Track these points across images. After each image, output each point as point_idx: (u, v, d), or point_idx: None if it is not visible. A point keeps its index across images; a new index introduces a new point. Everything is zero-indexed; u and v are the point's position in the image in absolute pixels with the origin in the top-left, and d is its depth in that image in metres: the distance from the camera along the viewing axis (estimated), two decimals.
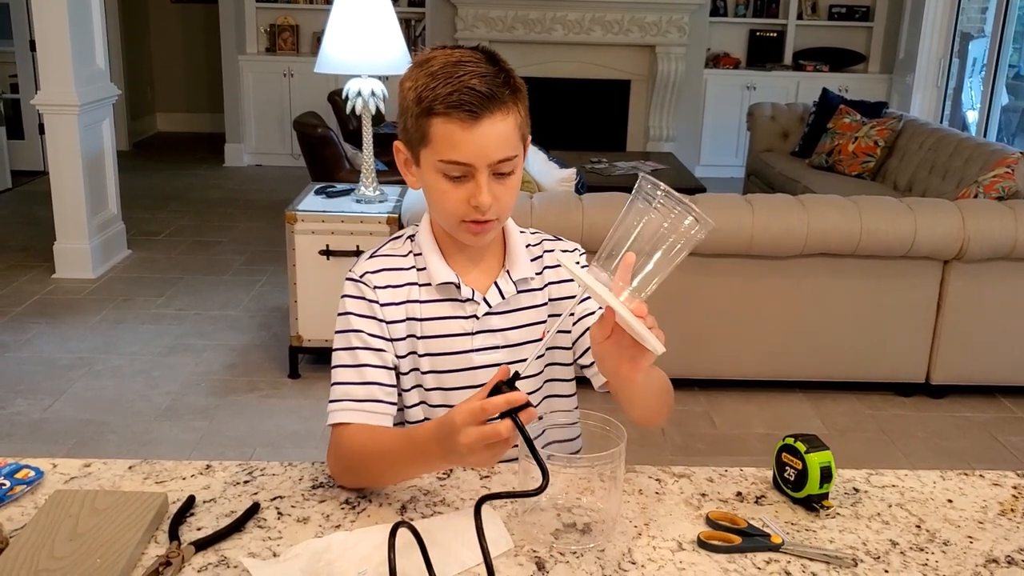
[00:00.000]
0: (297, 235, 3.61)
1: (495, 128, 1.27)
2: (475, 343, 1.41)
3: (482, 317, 1.41)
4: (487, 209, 1.30)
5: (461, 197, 1.30)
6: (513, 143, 1.30)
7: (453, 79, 1.25)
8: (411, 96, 1.30)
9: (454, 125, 1.26)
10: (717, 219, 3.97)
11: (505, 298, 1.42)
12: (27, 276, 4.87)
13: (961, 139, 5.12)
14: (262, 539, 1.18)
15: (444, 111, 1.25)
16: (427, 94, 1.26)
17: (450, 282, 1.40)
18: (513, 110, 1.29)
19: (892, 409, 3.67)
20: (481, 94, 1.25)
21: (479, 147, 1.27)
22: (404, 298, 1.40)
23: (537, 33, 7.30)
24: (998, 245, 3.46)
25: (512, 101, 1.29)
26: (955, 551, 1.21)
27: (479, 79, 1.25)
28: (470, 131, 1.26)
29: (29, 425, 3.33)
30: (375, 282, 1.40)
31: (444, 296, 1.41)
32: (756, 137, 6.60)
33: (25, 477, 1.29)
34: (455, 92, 1.24)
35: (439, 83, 1.26)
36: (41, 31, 4.60)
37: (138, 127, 8.69)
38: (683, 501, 1.31)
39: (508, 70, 1.31)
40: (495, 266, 1.44)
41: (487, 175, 1.29)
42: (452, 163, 1.28)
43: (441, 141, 1.28)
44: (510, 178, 1.32)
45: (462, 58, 1.28)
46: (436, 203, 1.35)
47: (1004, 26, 6.27)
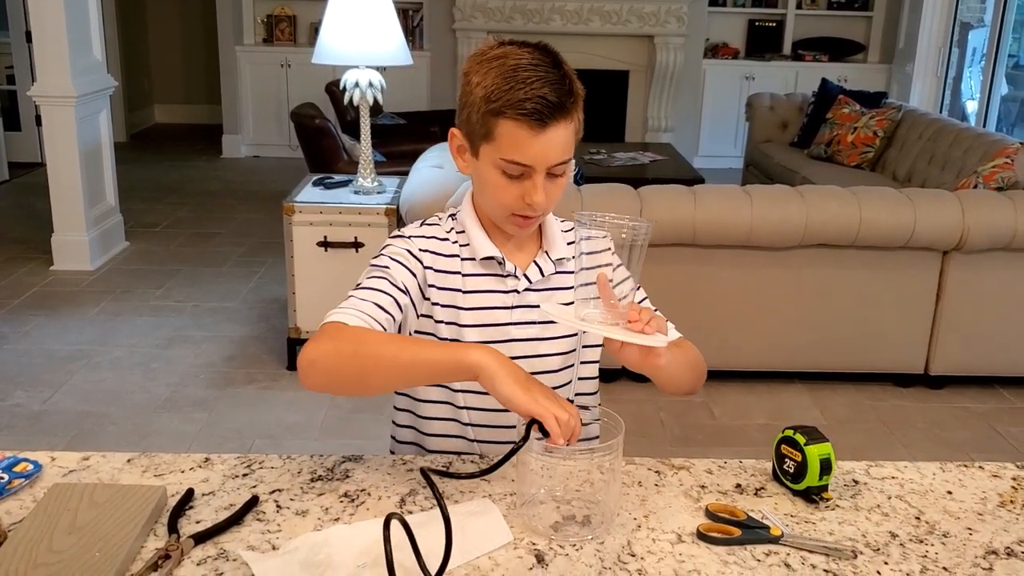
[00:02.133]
0: (295, 227, 3.60)
1: (559, 135, 1.33)
2: (513, 317, 1.46)
3: (522, 292, 1.46)
4: (539, 208, 1.37)
5: (516, 193, 1.37)
6: (570, 147, 1.37)
7: (525, 85, 1.30)
8: (479, 92, 1.34)
9: (522, 130, 1.32)
10: (715, 210, 3.97)
11: (544, 276, 1.47)
12: (25, 268, 4.86)
13: (961, 129, 5.11)
14: (261, 532, 1.18)
15: (515, 116, 1.31)
16: (498, 95, 1.31)
17: (493, 257, 1.45)
18: (574, 116, 1.35)
19: (891, 400, 3.67)
20: (551, 104, 1.30)
21: (542, 152, 1.33)
22: (448, 268, 1.45)
23: (535, 23, 7.27)
24: (997, 235, 3.46)
25: (575, 107, 1.35)
26: (955, 543, 1.21)
27: (551, 87, 1.31)
28: (536, 137, 1.32)
29: (28, 417, 3.33)
30: (421, 245, 1.45)
31: (487, 271, 1.46)
32: (755, 127, 6.59)
33: (24, 470, 1.29)
34: (528, 100, 1.30)
35: (511, 87, 1.31)
36: (37, 22, 4.58)
37: (135, 118, 8.67)
38: (682, 493, 1.31)
39: (569, 74, 1.36)
40: (533, 246, 1.50)
41: (543, 176, 1.35)
42: (514, 163, 1.34)
43: (506, 141, 1.33)
44: (561, 178, 1.39)
45: (531, 61, 1.33)
46: (490, 195, 1.40)
47: (1004, 16, 6.26)
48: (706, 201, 3.44)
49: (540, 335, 1.47)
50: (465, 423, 1.48)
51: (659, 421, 3.39)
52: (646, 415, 3.42)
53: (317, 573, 1.10)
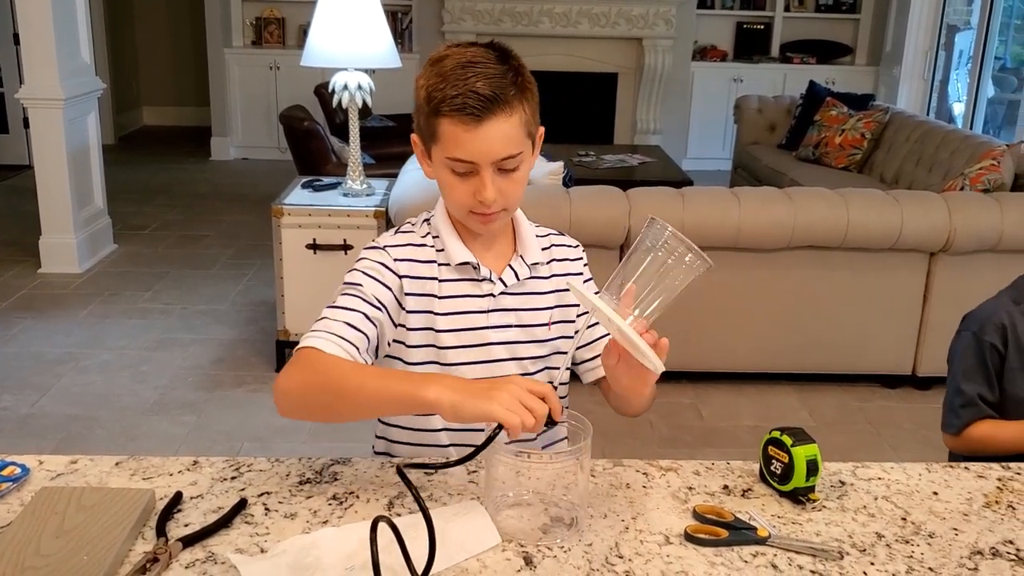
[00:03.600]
0: (284, 229, 3.60)
1: (499, 128, 1.32)
2: (491, 320, 1.47)
3: (498, 296, 1.47)
4: (491, 203, 1.36)
5: (467, 191, 1.37)
6: (517, 141, 1.35)
7: (460, 81, 1.31)
8: (423, 95, 1.36)
9: (458, 127, 1.32)
10: (703, 212, 3.98)
11: (520, 279, 1.48)
12: (13, 271, 4.84)
13: (947, 131, 5.14)
14: (249, 535, 1.18)
15: (449, 112, 1.32)
16: (436, 95, 1.33)
17: (468, 262, 1.45)
18: (518, 109, 1.34)
19: (879, 401, 3.68)
20: (484, 97, 1.30)
21: (482, 147, 1.33)
22: (425, 274, 1.45)
23: (524, 26, 7.28)
24: (984, 237, 3.48)
25: (518, 100, 1.34)
26: (940, 543, 1.22)
27: (484, 81, 1.31)
28: (473, 132, 1.32)
29: (16, 420, 3.31)
30: (396, 254, 1.45)
31: (462, 275, 1.47)
32: (743, 130, 6.61)
33: (11, 474, 1.29)
34: (460, 95, 1.30)
35: (447, 84, 1.32)
36: (25, 24, 4.56)
37: (123, 121, 8.64)
38: (670, 495, 1.31)
39: (518, 68, 1.36)
40: (508, 250, 1.51)
41: (491, 172, 1.35)
42: (457, 160, 1.35)
43: (448, 140, 1.34)
44: (516, 173, 1.38)
45: (473, 58, 1.34)
46: (446, 195, 1.42)
47: (990, 18, 6.29)
48: (694, 203, 3.45)
49: (517, 338, 1.48)
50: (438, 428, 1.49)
51: (648, 423, 3.40)
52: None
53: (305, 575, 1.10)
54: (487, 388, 1.18)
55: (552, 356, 1.52)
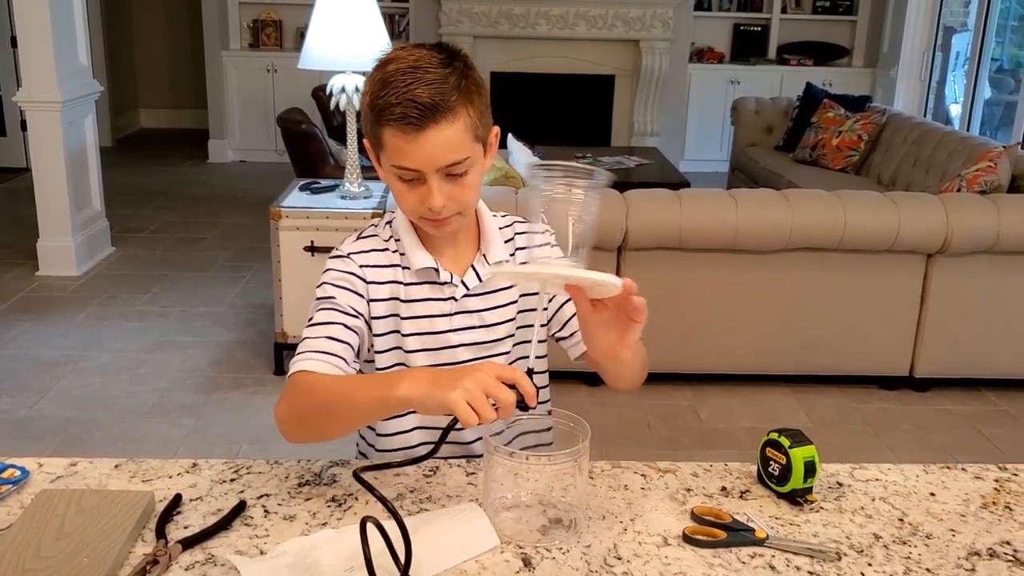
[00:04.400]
0: (282, 231, 3.60)
1: (440, 136, 1.29)
2: (453, 323, 1.46)
3: (460, 299, 1.46)
4: (440, 210, 1.34)
5: (416, 198, 1.35)
6: (462, 146, 1.32)
7: (399, 89, 1.28)
8: (367, 101, 1.34)
9: (399, 137, 1.30)
10: (701, 214, 3.98)
11: (482, 280, 1.47)
12: (11, 273, 4.84)
13: (944, 133, 5.15)
14: (249, 537, 1.19)
15: (389, 122, 1.30)
16: (378, 102, 1.31)
17: (429, 267, 1.44)
18: (462, 114, 1.31)
19: (876, 402, 3.69)
20: (423, 106, 1.27)
21: (424, 155, 1.30)
22: (390, 278, 1.45)
23: (521, 28, 7.29)
24: (981, 239, 3.49)
25: (462, 104, 1.31)
26: (938, 544, 1.22)
27: (425, 87, 1.27)
28: (415, 141, 1.29)
29: (15, 423, 3.31)
30: (361, 261, 1.45)
31: (424, 279, 1.45)
32: (740, 131, 6.61)
33: (11, 476, 1.29)
34: (399, 105, 1.28)
35: (388, 92, 1.29)
36: (22, 27, 4.56)
37: (121, 123, 8.64)
38: (668, 496, 1.32)
39: (463, 70, 1.32)
40: (471, 249, 1.49)
41: (438, 178, 1.33)
42: (403, 168, 1.33)
43: (391, 148, 1.32)
44: (464, 177, 1.35)
45: (417, 62, 1.30)
46: (397, 201, 1.40)
47: (987, 20, 6.30)
48: (692, 205, 3.45)
49: (480, 339, 1.47)
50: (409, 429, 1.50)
51: (645, 424, 3.40)
52: (632, 418, 3.43)
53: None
54: (453, 377, 1.14)
55: (519, 348, 1.51)
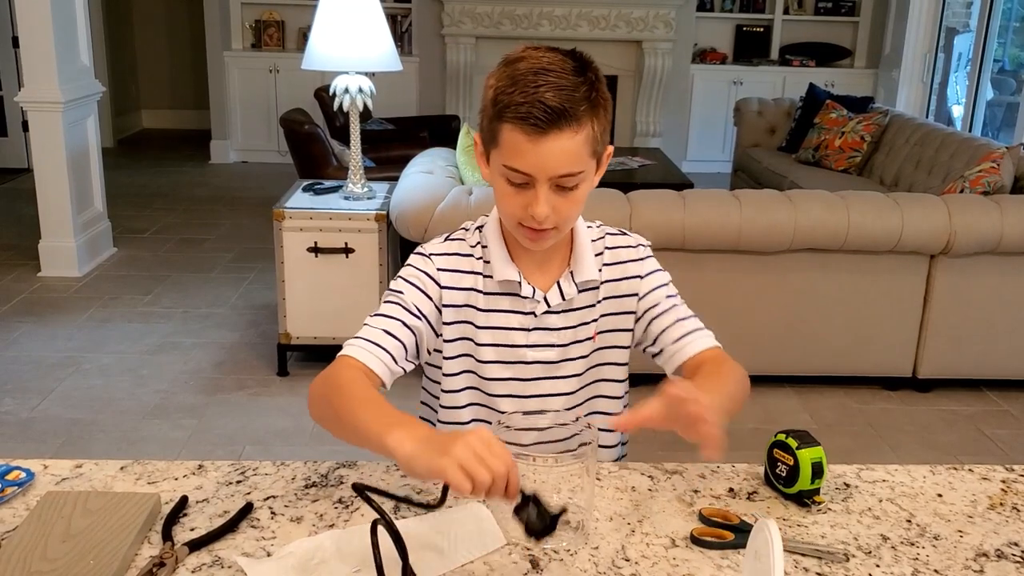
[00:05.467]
0: (285, 232, 3.60)
1: (560, 144, 1.26)
2: (531, 339, 1.44)
3: (540, 315, 1.43)
4: (542, 220, 1.30)
5: (520, 203, 1.31)
6: (580, 159, 1.29)
7: (530, 88, 1.24)
8: (490, 96, 1.30)
9: (520, 136, 1.26)
10: (704, 214, 3.97)
11: (566, 299, 1.43)
12: (12, 275, 4.84)
13: (947, 134, 5.14)
14: (256, 539, 1.18)
15: (513, 119, 1.26)
16: (503, 99, 1.27)
17: (511, 279, 1.42)
18: (587, 126, 1.27)
19: (879, 403, 3.68)
20: (551, 109, 1.24)
21: (541, 161, 1.27)
22: (468, 285, 1.43)
23: (524, 29, 7.28)
24: (984, 240, 3.48)
25: (588, 116, 1.27)
26: (945, 545, 1.22)
27: (555, 92, 1.24)
28: (534, 144, 1.26)
29: (17, 424, 3.31)
30: (440, 264, 1.42)
31: (505, 290, 1.43)
32: (743, 132, 6.61)
33: (16, 479, 1.29)
34: (526, 104, 1.24)
35: (516, 90, 1.25)
36: (24, 28, 4.56)
37: (123, 124, 8.64)
38: (676, 498, 1.31)
39: (594, 82, 1.29)
40: (559, 265, 1.45)
41: (547, 187, 1.29)
42: (514, 170, 1.29)
43: (508, 147, 1.28)
44: (574, 192, 1.32)
45: (548, 65, 1.26)
46: (499, 202, 1.37)
47: (989, 21, 6.30)
48: (695, 206, 3.45)
49: (556, 358, 1.45)
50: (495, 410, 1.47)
51: None
52: None
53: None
54: (446, 441, 1.05)
55: (594, 370, 1.48)
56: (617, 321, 1.47)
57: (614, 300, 1.47)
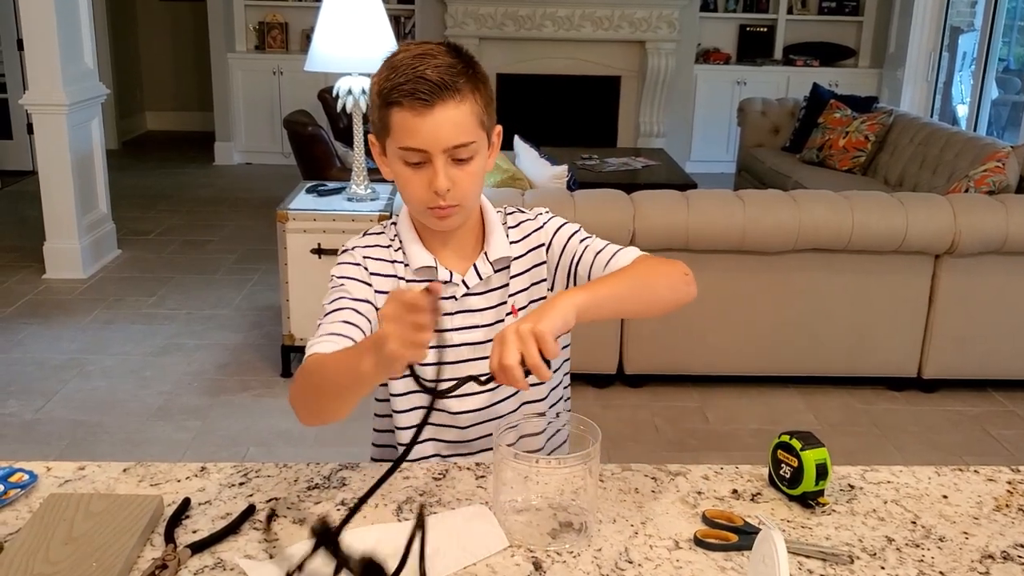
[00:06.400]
0: (288, 234, 3.60)
1: (447, 114, 1.32)
2: (455, 322, 1.46)
3: (460, 298, 1.46)
4: (444, 193, 1.35)
5: (422, 183, 1.36)
6: (469, 129, 1.34)
7: (408, 71, 1.31)
8: (375, 90, 1.37)
9: (408, 113, 1.32)
10: (708, 215, 3.96)
11: (483, 278, 1.47)
12: (17, 276, 4.85)
13: (951, 133, 5.13)
14: (258, 541, 1.18)
15: (399, 100, 1.32)
16: (387, 85, 1.34)
17: (428, 266, 1.45)
18: (469, 98, 1.34)
19: (884, 403, 3.68)
20: (433, 83, 1.30)
21: (432, 133, 1.32)
22: (390, 273, 1.46)
23: (527, 30, 7.28)
24: (989, 239, 3.47)
25: (469, 89, 1.34)
26: (951, 547, 1.22)
27: (434, 69, 1.31)
28: (423, 118, 1.31)
29: (21, 426, 3.31)
30: (365, 253, 1.47)
31: (424, 277, 1.46)
32: (747, 132, 6.61)
33: (19, 481, 1.29)
34: (409, 82, 1.31)
35: (397, 74, 1.32)
36: (29, 30, 4.57)
37: (127, 126, 8.66)
38: (679, 499, 1.31)
39: (469, 60, 1.36)
40: (473, 248, 1.49)
41: (443, 160, 1.34)
42: (409, 149, 1.34)
43: (399, 129, 1.34)
44: (469, 164, 1.37)
45: (424, 52, 1.34)
46: (402, 190, 1.41)
47: (994, 20, 6.29)
48: (699, 206, 3.44)
49: (483, 338, 1.46)
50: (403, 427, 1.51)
51: (653, 426, 3.39)
52: (640, 420, 3.42)
53: None
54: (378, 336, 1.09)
55: None
56: (532, 292, 1.50)
57: (526, 274, 1.50)
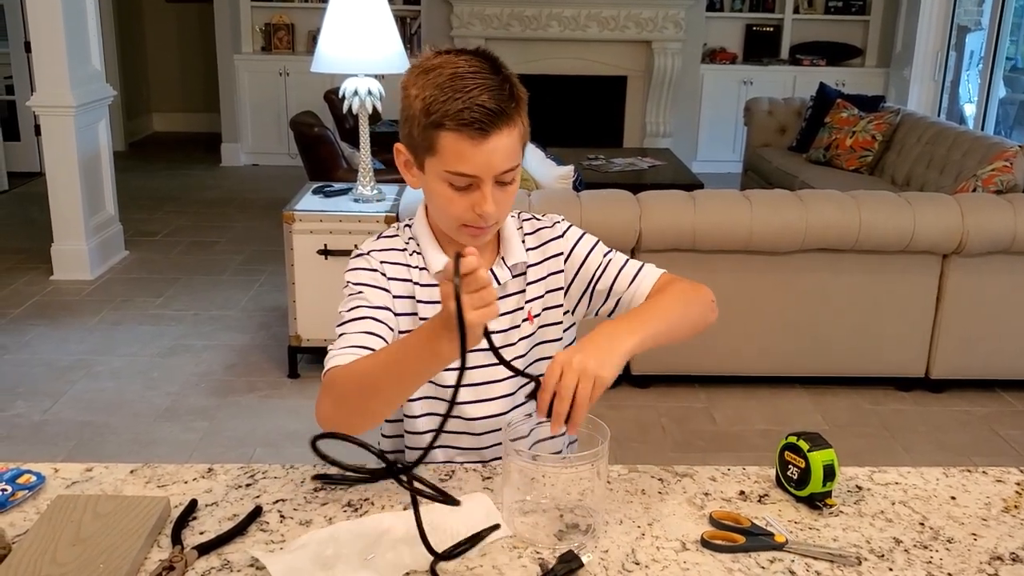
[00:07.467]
0: (295, 235, 3.60)
1: (501, 142, 1.30)
2: None
3: None
4: (490, 217, 1.34)
5: (465, 204, 1.34)
6: (516, 153, 1.35)
7: (463, 94, 1.27)
8: (418, 105, 1.31)
9: (464, 142, 1.29)
10: (715, 215, 3.97)
11: (501, 283, 1.46)
12: (25, 278, 4.86)
13: (959, 132, 5.12)
14: (265, 542, 1.18)
15: (455, 127, 1.28)
16: (437, 107, 1.29)
17: None
18: (517, 122, 1.33)
19: (892, 404, 3.67)
20: (491, 111, 1.28)
21: (487, 161, 1.30)
22: (406, 277, 1.45)
23: (533, 30, 7.28)
24: (997, 239, 3.46)
25: (516, 112, 1.33)
26: (959, 548, 1.21)
27: (488, 94, 1.28)
28: (479, 147, 1.29)
29: (29, 427, 3.32)
30: (381, 258, 1.45)
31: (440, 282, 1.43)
32: (753, 132, 6.59)
33: (27, 482, 1.29)
34: (466, 109, 1.27)
35: (448, 97, 1.28)
36: (36, 32, 4.59)
37: (134, 127, 8.68)
38: (686, 501, 1.31)
39: (510, 78, 1.33)
40: (490, 253, 1.48)
41: (491, 185, 1.32)
42: (459, 174, 1.31)
43: (450, 153, 1.30)
44: (511, 184, 1.36)
45: (469, 69, 1.30)
46: (440, 208, 1.38)
47: (1001, 19, 6.27)
48: (705, 206, 3.44)
49: (500, 343, 1.45)
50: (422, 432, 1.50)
51: (660, 427, 3.39)
52: (647, 421, 3.42)
53: (328, 566, 1.12)
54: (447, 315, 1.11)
55: (534, 350, 1.50)
56: (547, 300, 1.50)
57: (542, 282, 1.50)
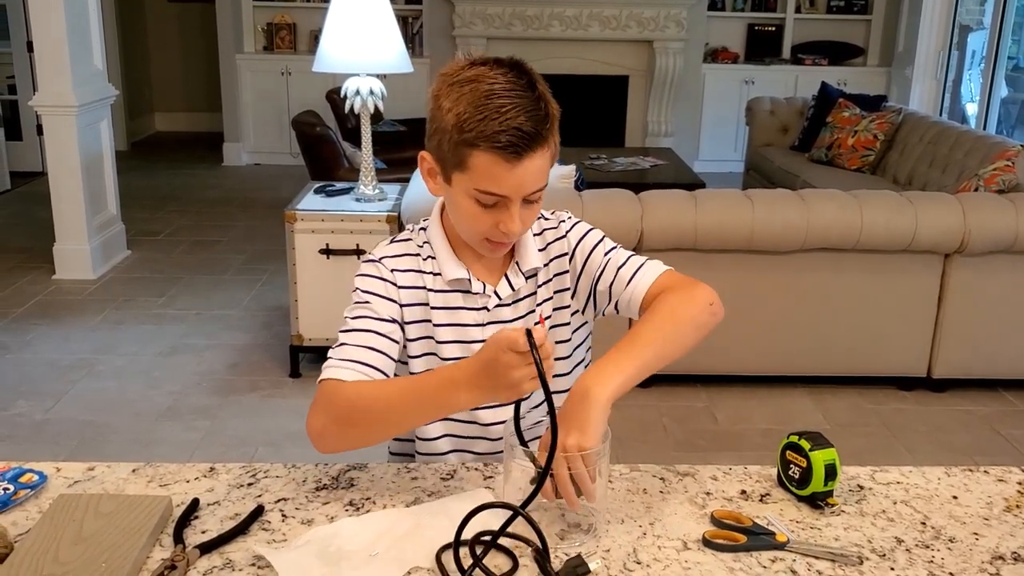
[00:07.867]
0: (297, 234, 3.61)
1: (535, 164, 1.30)
2: (486, 333, 1.44)
3: (492, 309, 1.45)
4: (515, 236, 1.35)
5: (491, 221, 1.34)
6: (547, 173, 1.34)
7: (499, 115, 1.25)
8: (450, 120, 1.29)
9: (499, 165, 1.28)
10: (717, 214, 3.97)
11: (515, 290, 1.46)
12: (27, 277, 4.86)
13: (961, 132, 5.11)
14: (267, 541, 1.18)
15: (489, 148, 1.27)
16: (471, 126, 1.26)
17: (461, 278, 1.44)
18: (550, 142, 1.32)
19: (894, 403, 3.66)
20: (526, 135, 1.26)
21: (519, 183, 1.30)
22: (418, 284, 1.44)
23: (535, 30, 7.28)
24: (999, 238, 3.46)
25: (550, 134, 1.31)
26: (961, 548, 1.21)
27: (525, 116, 1.26)
28: (512, 169, 1.28)
29: (31, 426, 3.33)
30: (393, 265, 1.44)
31: (455, 288, 1.45)
32: (755, 132, 6.59)
33: (29, 481, 1.29)
34: (502, 132, 1.25)
35: (484, 117, 1.26)
36: (38, 32, 4.59)
37: (136, 127, 8.68)
38: (688, 500, 1.31)
39: (544, 95, 1.31)
40: (505, 259, 1.48)
41: (519, 204, 1.32)
42: (489, 194, 1.31)
43: (482, 173, 1.29)
44: (537, 203, 1.37)
45: (505, 86, 1.27)
46: (463, 222, 1.38)
47: (1003, 18, 6.26)
48: (707, 205, 3.44)
49: None
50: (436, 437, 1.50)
51: (661, 426, 3.39)
52: (648, 420, 3.42)
53: (333, 562, 1.12)
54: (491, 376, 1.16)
55: None
56: (556, 300, 1.50)
57: (550, 283, 1.50)
